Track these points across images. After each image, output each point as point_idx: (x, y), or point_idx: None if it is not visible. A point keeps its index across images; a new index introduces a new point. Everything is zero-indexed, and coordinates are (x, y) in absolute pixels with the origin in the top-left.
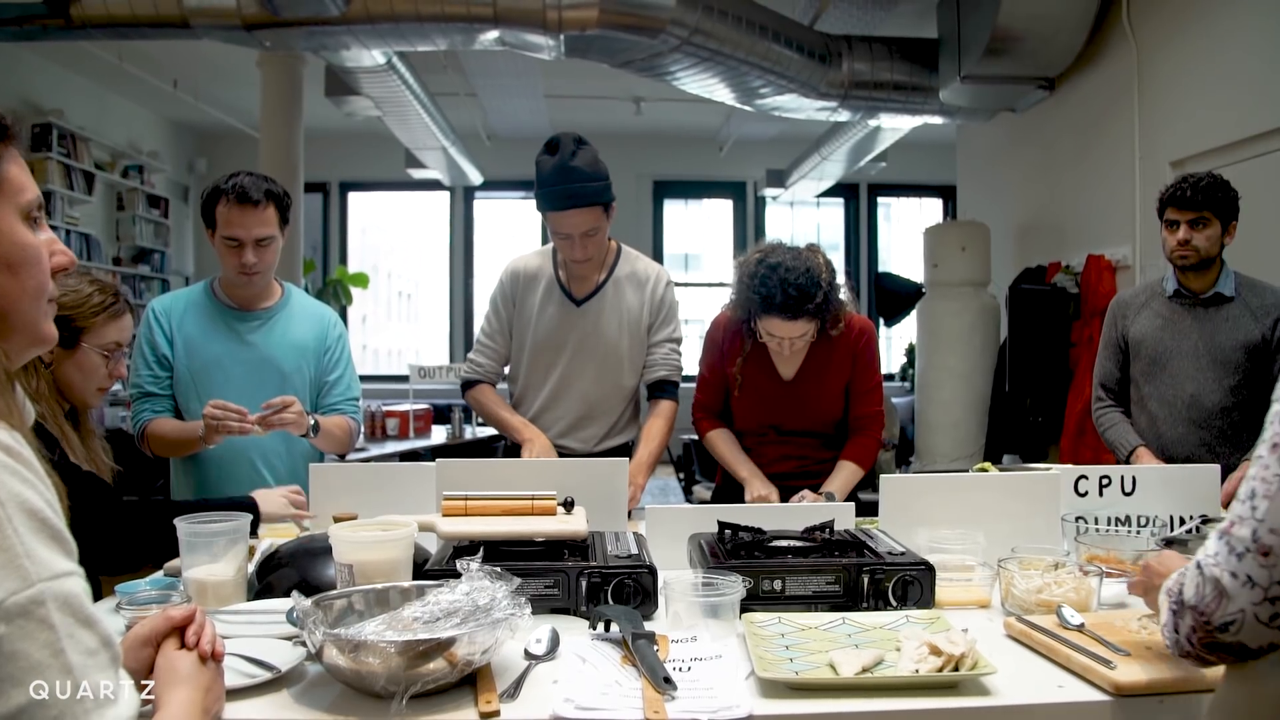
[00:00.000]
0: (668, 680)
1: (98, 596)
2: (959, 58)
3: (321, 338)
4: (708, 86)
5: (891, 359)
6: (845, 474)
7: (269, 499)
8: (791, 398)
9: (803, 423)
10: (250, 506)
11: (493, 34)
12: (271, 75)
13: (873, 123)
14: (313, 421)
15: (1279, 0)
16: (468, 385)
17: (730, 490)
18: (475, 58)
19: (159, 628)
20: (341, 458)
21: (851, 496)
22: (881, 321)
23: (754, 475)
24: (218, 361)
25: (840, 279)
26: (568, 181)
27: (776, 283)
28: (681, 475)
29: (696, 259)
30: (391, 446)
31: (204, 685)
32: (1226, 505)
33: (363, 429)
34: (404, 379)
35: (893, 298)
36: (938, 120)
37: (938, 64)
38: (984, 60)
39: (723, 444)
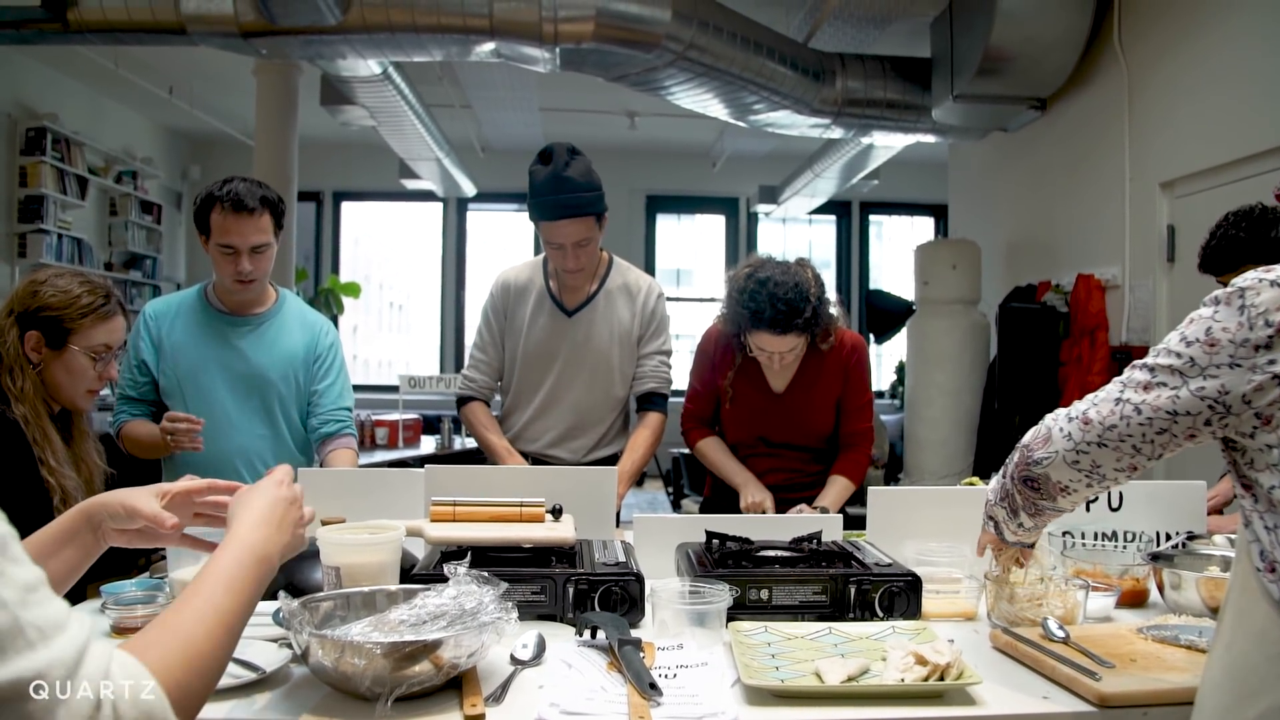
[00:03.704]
0: (653, 686)
1: (81, 598)
2: (951, 77)
3: (312, 346)
4: (702, 102)
5: (882, 376)
6: (838, 488)
7: None
8: (782, 411)
9: (792, 436)
10: None
11: (488, 45)
12: (267, 83)
13: (865, 140)
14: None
15: (1269, 24)
16: (462, 401)
17: (720, 502)
18: (470, 69)
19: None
20: None
21: (839, 511)
22: (872, 339)
23: (748, 482)
24: (204, 367)
25: (830, 294)
26: (560, 192)
27: (765, 297)
28: (670, 489)
29: (688, 274)
30: (380, 456)
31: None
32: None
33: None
34: (394, 389)
35: (883, 315)
36: (930, 139)
37: (930, 83)
38: (976, 80)
39: (714, 451)
